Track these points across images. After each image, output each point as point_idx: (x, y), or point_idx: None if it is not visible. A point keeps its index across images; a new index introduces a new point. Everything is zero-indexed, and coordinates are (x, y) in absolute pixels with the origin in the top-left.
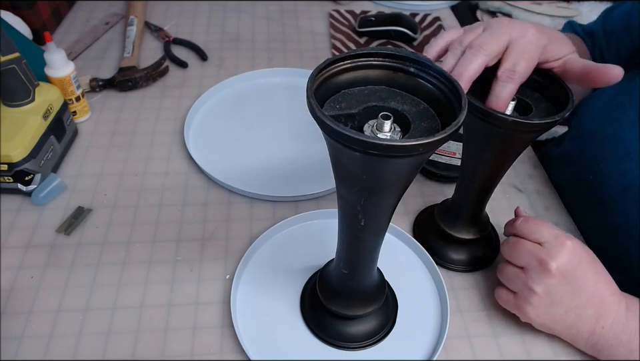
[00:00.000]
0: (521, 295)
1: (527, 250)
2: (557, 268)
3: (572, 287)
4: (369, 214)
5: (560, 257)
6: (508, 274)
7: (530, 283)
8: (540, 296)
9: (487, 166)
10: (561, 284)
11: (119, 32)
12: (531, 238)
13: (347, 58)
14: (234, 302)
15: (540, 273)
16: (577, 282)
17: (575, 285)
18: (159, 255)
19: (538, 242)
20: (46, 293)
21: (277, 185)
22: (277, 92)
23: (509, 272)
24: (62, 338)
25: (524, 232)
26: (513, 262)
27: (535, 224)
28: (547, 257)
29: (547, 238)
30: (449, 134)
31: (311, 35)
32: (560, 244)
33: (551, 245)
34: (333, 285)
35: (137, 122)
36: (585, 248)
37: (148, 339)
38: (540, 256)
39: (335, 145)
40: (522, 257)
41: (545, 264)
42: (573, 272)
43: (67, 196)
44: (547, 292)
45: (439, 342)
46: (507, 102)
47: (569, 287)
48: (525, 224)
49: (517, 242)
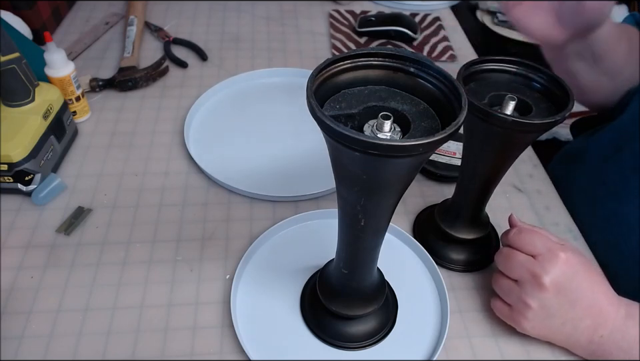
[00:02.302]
0: (516, 308)
1: (519, 263)
2: (551, 281)
3: (567, 299)
4: (369, 214)
5: (553, 270)
6: (502, 286)
7: (524, 297)
8: (535, 310)
9: (487, 166)
10: (556, 298)
11: (119, 32)
12: (525, 250)
13: (346, 58)
14: (234, 302)
15: (533, 287)
16: (572, 294)
17: (570, 297)
18: (158, 255)
19: (531, 255)
20: (46, 293)
21: (277, 185)
22: (277, 92)
23: (503, 285)
24: (62, 338)
25: (517, 243)
26: (506, 274)
27: (528, 235)
28: (541, 271)
29: (540, 250)
30: (448, 134)
31: (311, 35)
32: (553, 257)
33: (544, 258)
34: (333, 285)
35: (136, 122)
36: (580, 257)
37: (148, 339)
38: (533, 269)
39: (335, 145)
40: (515, 270)
41: (539, 278)
42: (567, 284)
43: (67, 196)
44: (542, 305)
45: (438, 342)
46: None
47: (564, 299)
48: (518, 235)
49: (510, 254)
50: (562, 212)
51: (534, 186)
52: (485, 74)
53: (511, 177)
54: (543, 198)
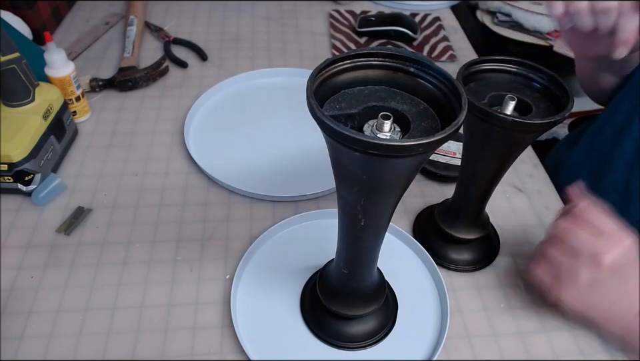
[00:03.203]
0: (562, 279)
1: (584, 238)
2: (611, 262)
3: (618, 280)
4: (369, 214)
5: (615, 251)
6: (552, 255)
7: (576, 270)
8: (583, 286)
9: (487, 166)
10: (609, 279)
11: (119, 32)
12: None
13: (346, 58)
14: (234, 302)
15: (590, 265)
16: (624, 275)
17: (621, 278)
18: (159, 255)
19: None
20: (46, 293)
21: (277, 185)
22: (277, 92)
23: (555, 253)
24: (62, 338)
25: (585, 217)
26: (563, 243)
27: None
28: (604, 250)
29: (608, 230)
30: (448, 134)
31: (311, 35)
32: (620, 240)
33: (609, 239)
34: (333, 285)
35: (137, 122)
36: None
37: (148, 339)
38: (595, 248)
39: (335, 145)
40: (576, 243)
41: (598, 257)
42: (624, 268)
43: (67, 196)
44: (592, 283)
45: (438, 342)
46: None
47: (615, 280)
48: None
49: (572, 227)
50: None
51: (534, 186)
52: (485, 74)
53: (511, 177)
54: (543, 198)
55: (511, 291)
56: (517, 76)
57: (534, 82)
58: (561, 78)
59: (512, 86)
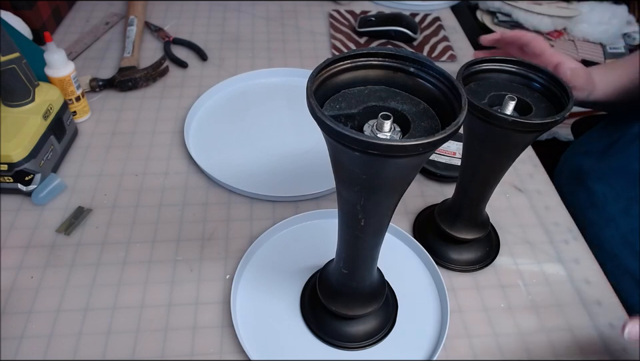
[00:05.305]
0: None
1: None
2: None
3: None
4: (369, 214)
5: None
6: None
7: None
8: None
9: (486, 166)
10: None
11: (119, 32)
12: None
13: (346, 58)
14: (234, 302)
15: None
16: None
17: None
18: (158, 255)
19: None
20: (46, 293)
21: (276, 185)
22: (277, 92)
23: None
24: (62, 338)
25: None
26: None
27: None
28: None
29: None
30: (448, 134)
31: (311, 35)
32: None
33: None
34: (333, 285)
35: (136, 122)
36: None
37: (148, 339)
38: None
39: (334, 145)
40: None
41: None
42: None
43: (67, 196)
44: None
45: (438, 342)
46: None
47: None
48: None
49: None
50: (562, 212)
51: (534, 186)
52: (485, 74)
53: (511, 177)
54: (543, 198)
55: (510, 291)
56: (517, 76)
57: (534, 82)
58: (561, 79)
59: (512, 86)
